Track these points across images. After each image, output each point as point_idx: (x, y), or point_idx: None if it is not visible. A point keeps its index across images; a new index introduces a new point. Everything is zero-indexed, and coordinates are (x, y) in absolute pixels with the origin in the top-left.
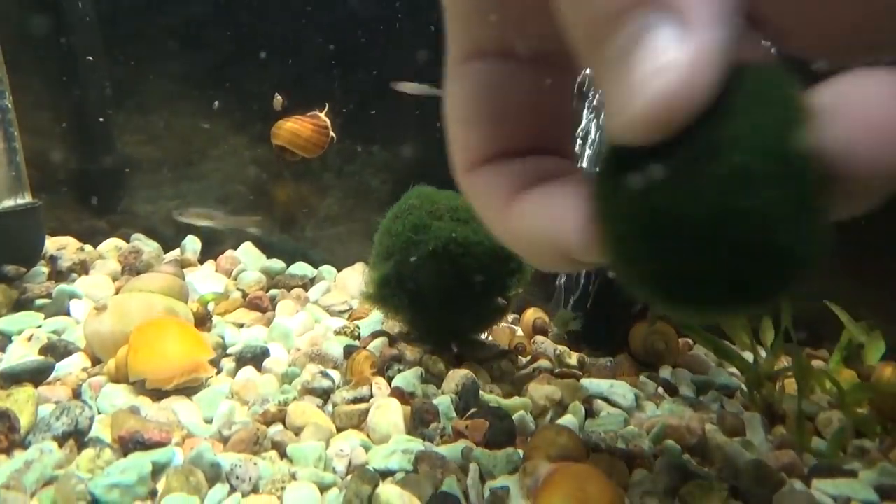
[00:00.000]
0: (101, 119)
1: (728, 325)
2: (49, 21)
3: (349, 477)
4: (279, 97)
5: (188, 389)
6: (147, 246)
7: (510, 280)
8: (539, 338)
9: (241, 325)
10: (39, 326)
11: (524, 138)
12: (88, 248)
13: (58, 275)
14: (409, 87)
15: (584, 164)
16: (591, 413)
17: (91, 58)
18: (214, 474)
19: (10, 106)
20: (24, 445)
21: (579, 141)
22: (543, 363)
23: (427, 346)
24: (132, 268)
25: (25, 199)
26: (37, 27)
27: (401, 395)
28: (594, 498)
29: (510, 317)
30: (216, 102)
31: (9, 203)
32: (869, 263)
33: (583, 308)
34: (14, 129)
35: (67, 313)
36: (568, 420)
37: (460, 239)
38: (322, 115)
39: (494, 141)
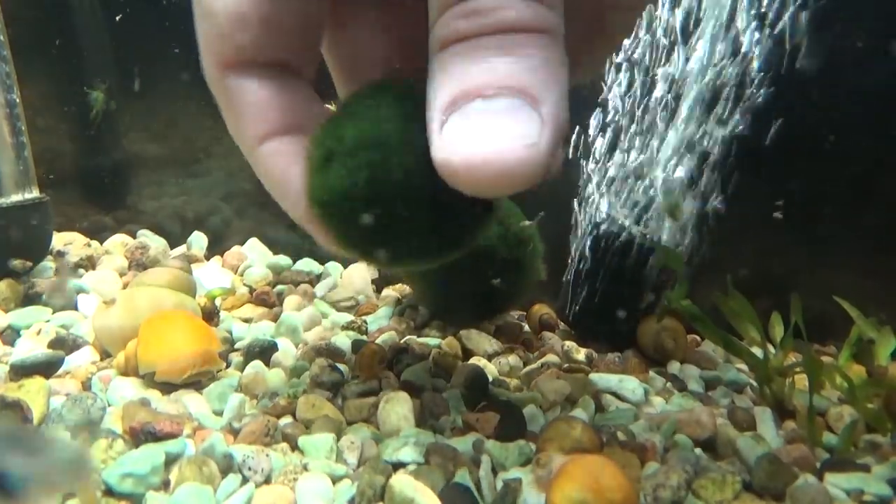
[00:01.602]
0: (107, 116)
1: (737, 320)
2: (57, 18)
3: (361, 469)
4: None
5: (197, 383)
6: (153, 242)
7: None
8: (546, 334)
9: (249, 321)
10: (48, 321)
11: (283, 53)
12: (95, 243)
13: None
14: None
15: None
16: (600, 408)
17: (98, 55)
18: (227, 465)
19: (18, 101)
20: None
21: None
22: (551, 358)
23: (437, 333)
24: (139, 263)
25: (33, 193)
26: (45, 24)
27: (410, 388)
28: (609, 489)
29: (516, 314)
30: None
31: (17, 197)
32: (878, 258)
33: (591, 304)
34: (22, 123)
35: (75, 308)
36: (577, 414)
37: None
38: (332, 108)
39: (259, 45)
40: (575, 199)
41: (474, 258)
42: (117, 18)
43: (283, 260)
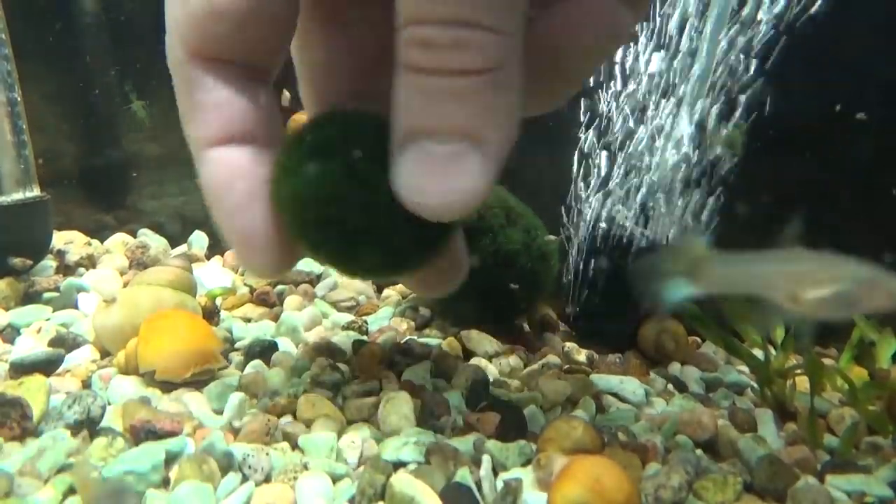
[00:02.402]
0: (108, 115)
1: (738, 322)
2: (59, 17)
3: (361, 468)
4: (286, 93)
5: (197, 382)
6: (154, 241)
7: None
8: (547, 334)
9: (249, 320)
10: (48, 319)
11: (252, 52)
12: (95, 242)
13: (65, 269)
14: None
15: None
16: (600, 409)
17: (99, 54)
18: (227, 463)
19: (19, 99)
20: (36, 433)
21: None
22: (552, 359)
23: (437, 333)
24: (139, 262)
25: (34, 192)
26: (46, 23)
27: (411, 388)
28: (611, 490)
29: None
30: None
31: (17, 196)
32: (880, 259)
33: (591, 305)
34: (23, 122)
35: (75, 307)
36: (578, 415)
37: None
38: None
39: (230, 40)
40: (575, 199)
41: (496, 259)
42: None
43: None
